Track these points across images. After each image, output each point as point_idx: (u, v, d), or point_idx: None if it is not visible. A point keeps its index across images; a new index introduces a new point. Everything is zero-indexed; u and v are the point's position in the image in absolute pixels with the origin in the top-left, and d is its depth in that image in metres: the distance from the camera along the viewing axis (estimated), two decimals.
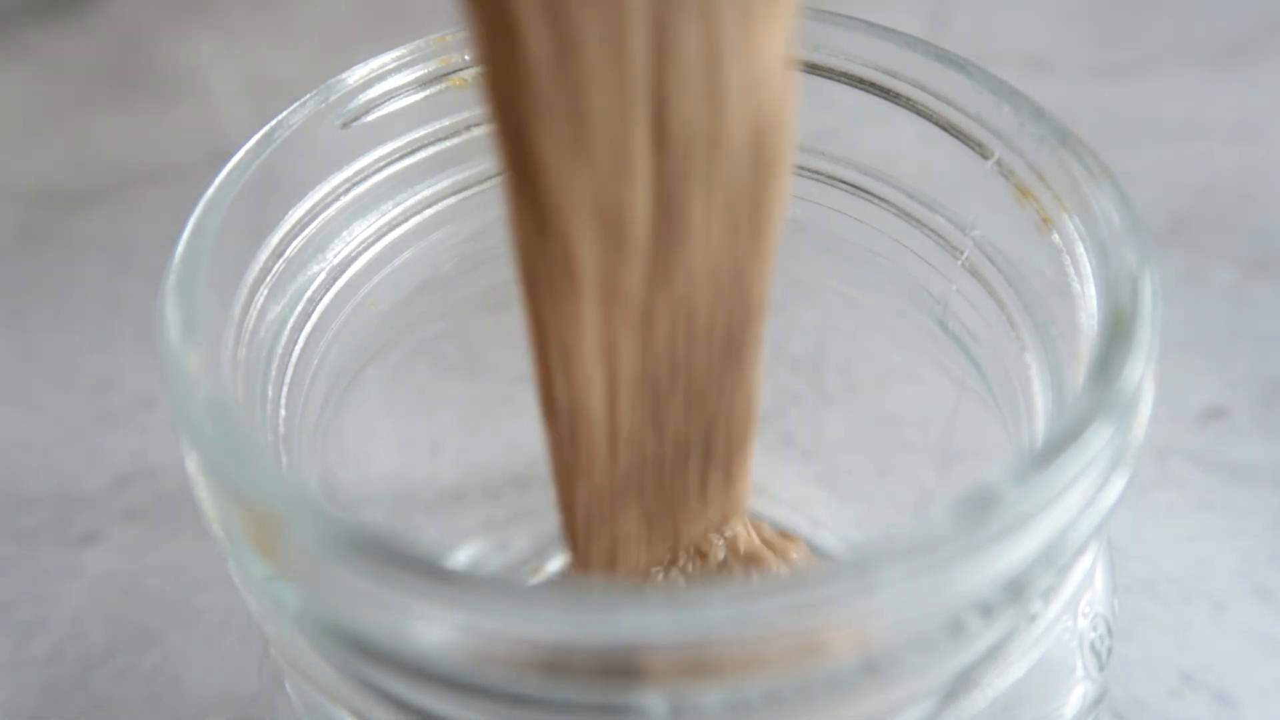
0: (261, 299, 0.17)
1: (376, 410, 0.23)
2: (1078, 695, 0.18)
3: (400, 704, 0.14)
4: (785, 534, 0.21)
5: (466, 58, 0.20)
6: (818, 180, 0.21)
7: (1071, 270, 0.17)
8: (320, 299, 0.19)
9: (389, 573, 0.12)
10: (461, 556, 0.27)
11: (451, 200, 0.21)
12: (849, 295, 0.22)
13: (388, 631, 0.13)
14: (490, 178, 0.21)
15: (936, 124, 0.19)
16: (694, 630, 0.12)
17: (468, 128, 0.20)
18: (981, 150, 0.18)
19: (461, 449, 0.29)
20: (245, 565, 0.14)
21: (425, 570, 0.12)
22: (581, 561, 0.18)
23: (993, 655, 0.14)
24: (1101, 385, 0.14)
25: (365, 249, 0.20)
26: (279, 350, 0.18)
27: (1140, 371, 0.14)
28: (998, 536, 0.13)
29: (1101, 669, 0.18)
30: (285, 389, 0.18)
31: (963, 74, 0.18)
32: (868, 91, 0.19)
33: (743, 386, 0.17)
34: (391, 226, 0.20)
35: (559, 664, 0.13)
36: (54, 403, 0.32)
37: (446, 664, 0.13)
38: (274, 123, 0.18)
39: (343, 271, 0.19)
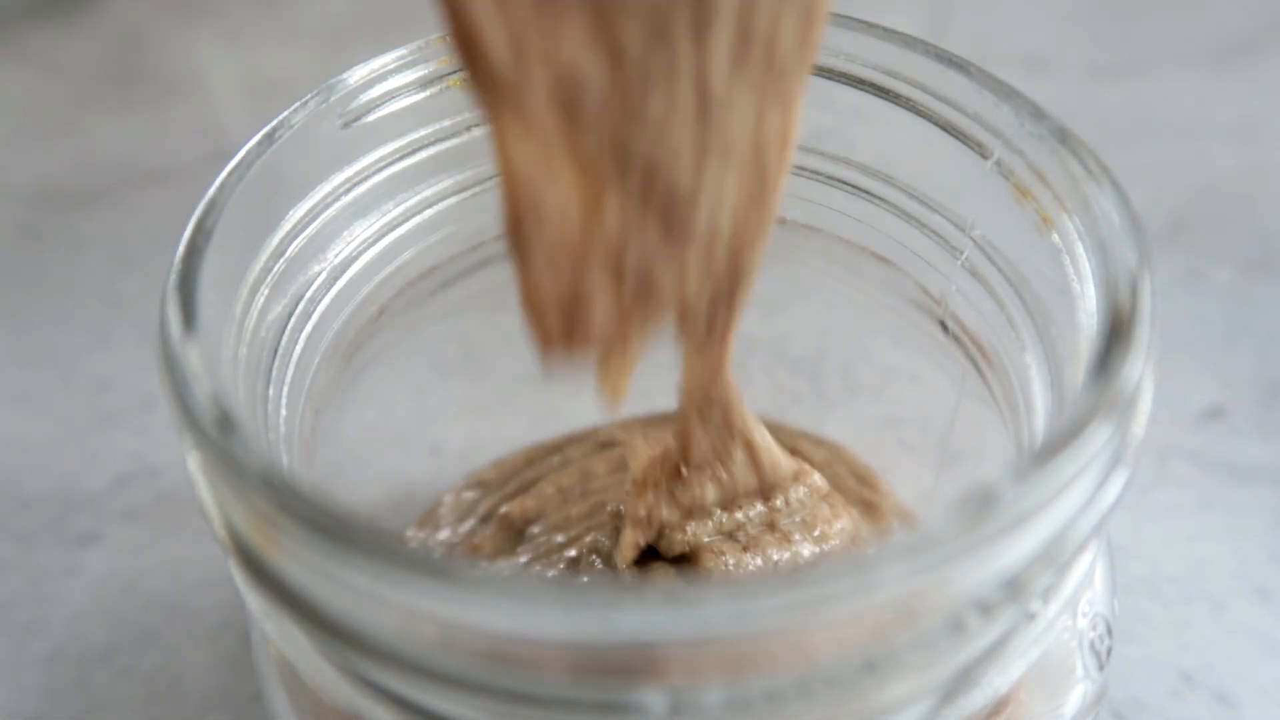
0: (262, 299, 0.17)
1: (376, 410, 0.23)
2: (1077, 695, 0.18)
3: (399, 702, 0.14)
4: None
5: None
6: (818, 180, 0.21)
7: (1071, 270, 0.17)
8: (320, 299, 0.19)
9: (388, 571, 0.12)
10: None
11: (451, 200, 0.21)
12: (849, 295, 0.22)
13: (387, 629, 0.13)
14: (491, 178, 0.21)
15: (936, 124, 0.19)
16: (694, 629, 0.12)
17: (468, 128, 0.20)
18: (981, 150, 0.18)
19: (461, 449, 0.29)
20: (245, 563, 0.14)
21: (424, 568, 0.12)
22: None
23: (992, 654, 0.14)
24: (1101, 384, 0.14)
25: (365, 249, 0.20)
26: (279, 350, 0.18)
27: (1139, 371, 0.14)
28: (997, 535, 0.13)
29: (1101, 669, 0.18)
30: (285, 389, 0.18)
31: (963, 74, 0.18)
32: (868, 91, 0.19)
33: None
34: (392, 227, 0.20)
35: (559, 661, 0.13)
36: (54, 403, 0.32)
37: (446, 661, 0.13)
38: (275, 123, 0.18)
39: (343, 271, 0.19)
